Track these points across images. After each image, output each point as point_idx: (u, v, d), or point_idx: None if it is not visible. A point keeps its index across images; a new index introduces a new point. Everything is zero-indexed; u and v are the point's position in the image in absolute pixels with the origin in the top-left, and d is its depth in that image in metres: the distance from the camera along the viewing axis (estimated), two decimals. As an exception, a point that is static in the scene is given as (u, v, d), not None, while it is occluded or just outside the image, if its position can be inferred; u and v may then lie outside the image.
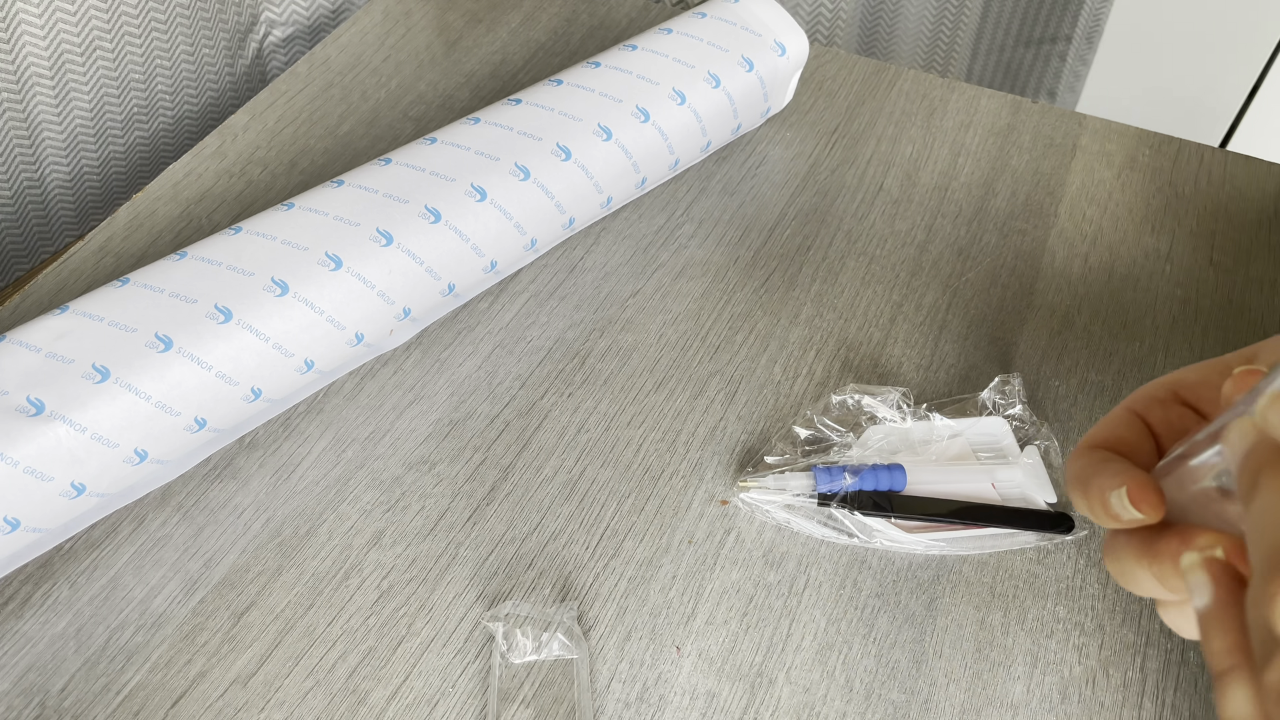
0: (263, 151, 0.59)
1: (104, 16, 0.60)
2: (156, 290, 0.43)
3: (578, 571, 0.43)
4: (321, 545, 0.44)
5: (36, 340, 0.41)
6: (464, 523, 0.45)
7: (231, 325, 0.42)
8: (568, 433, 0.48)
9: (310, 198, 0.47)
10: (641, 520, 0.45)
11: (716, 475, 0.47)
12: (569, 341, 0.51)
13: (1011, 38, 1.04)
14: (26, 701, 0.39)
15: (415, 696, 0.40)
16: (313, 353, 0.45)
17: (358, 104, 0.62)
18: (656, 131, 0.53)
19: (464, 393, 0.49)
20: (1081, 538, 0.45)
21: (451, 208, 0.47)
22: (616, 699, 0.40)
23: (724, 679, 0.41)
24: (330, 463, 0.46)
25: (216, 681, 0.40)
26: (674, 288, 0.54)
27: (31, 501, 0.39)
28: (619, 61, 0.54)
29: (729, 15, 0.56)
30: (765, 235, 0.56)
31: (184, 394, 0.41)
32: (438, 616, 0.42)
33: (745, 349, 0.51)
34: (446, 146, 0.49)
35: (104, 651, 0.41)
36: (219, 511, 0.45)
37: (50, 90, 0.60)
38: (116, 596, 0.42)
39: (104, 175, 0.66)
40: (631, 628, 0.42)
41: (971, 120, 0.63)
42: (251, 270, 0.43)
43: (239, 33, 0.69)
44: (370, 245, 0.45)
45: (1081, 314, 0.53)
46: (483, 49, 0.66)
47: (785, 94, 0.59)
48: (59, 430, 0.39)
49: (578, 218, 0.52)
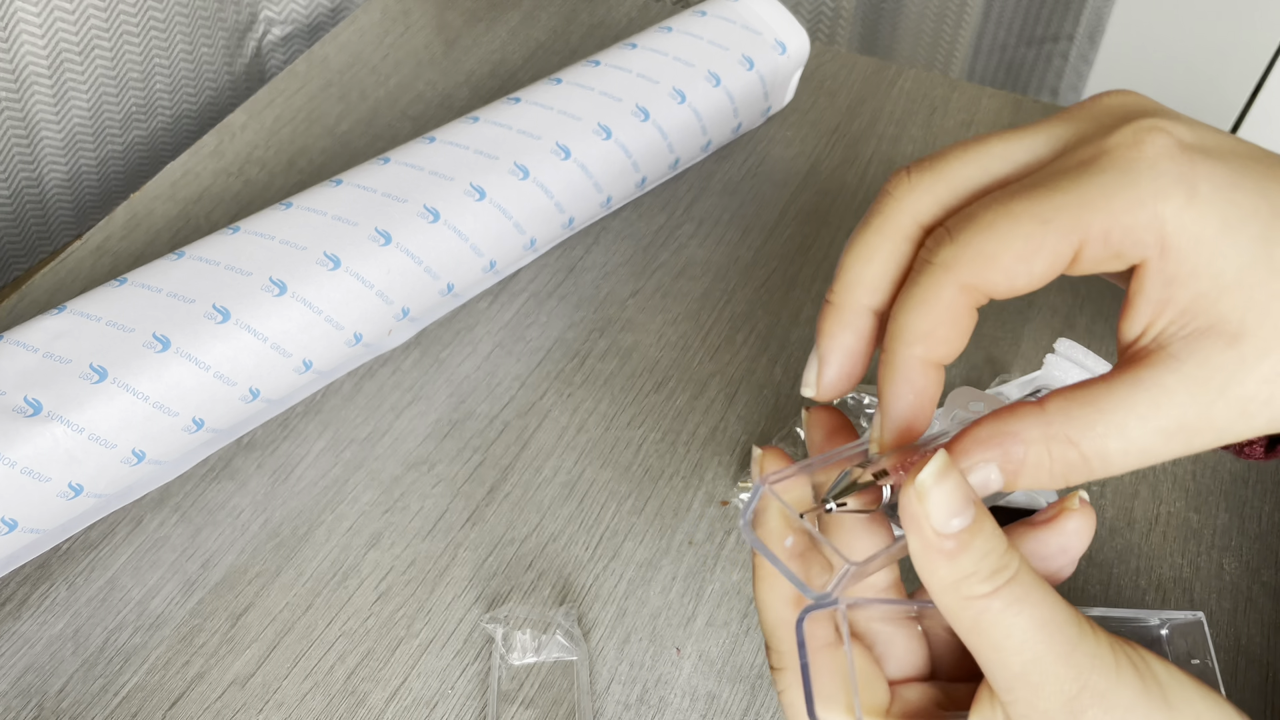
0: (261, 151, 0.58)
1: (102, 15, 0.60)
2: (154, 290, 0.42)
3: (577, 573, 0.43)
4: (320, 546, 0.44)
5: (34, 340, 0.41)
6: (463, 523, 0.45)
7: (229, 325, 0.42)
8: (567, 433, 0.48)
9: (308, 197, 0.47)
10: (641, 521, 0.45)
11: (717, 476, 0.46)
12: (568, 341, 0.51)
13: (1013, 36, 1.04)
14: (24, 703, 0.39)
15: (414, 698, 0.40)
16: (311, 353, 0.44)
17: (356, 103, 0.61)
18: (656, 130, 0.52)
19: (463, 393, 0.49)
20: (1083, 538, 0.45)
21: (450, 207, 0.47)
22: (616, 701, 0.40)
23: (724, 681, 0.41)
24: (329, 463, 0.46)
25: (215, 683, 0.40)
26: (674, 287, 0.54)
27: (29, 502, 0.39)
28: (619, 60, 0.53)
29: (729, 13, 0.56)
30: (766, 235, 0.56)
31: (182, 394, 0.41)
32: (437, 618, 0.42)
33: (746, 349, 0.51)
34: (445, 145, 0.49)
35: (102, 653, 0.41)
36: (217, 512, 0.45)
37: (48, 89, 0.60)
38: (114, 597, 0.42)
39: (102, 175, 0.66)
40: (631, 629, 0.42)
41: (973, 119, 0.63)
42: (249, 270, 0.43)
43: (238, 31, 0.69)
44: (369, 245, 0.45)
45: (1084, 314, 0.53)
46: (482, 47, 0.65)
47: (786, 93, 0.59)
48: (56, 430, 0.39)
49: (577, 217, 0.52)
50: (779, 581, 0.28)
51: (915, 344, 0.26)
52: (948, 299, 0.26)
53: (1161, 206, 0.24)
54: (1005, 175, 0.27)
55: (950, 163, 0.27)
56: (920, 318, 0.26)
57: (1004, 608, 0.24)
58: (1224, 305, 0.24)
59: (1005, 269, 0.25)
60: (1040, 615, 0.24)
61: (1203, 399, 0.24)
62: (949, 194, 0.27)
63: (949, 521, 0.24)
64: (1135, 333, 0.25)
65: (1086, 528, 0.28)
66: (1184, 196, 0.24)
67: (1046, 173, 0.26)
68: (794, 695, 0.28)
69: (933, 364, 0.26)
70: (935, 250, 0.26)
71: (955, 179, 0.27)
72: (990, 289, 0.26)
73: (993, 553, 0.24)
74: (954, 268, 0.25)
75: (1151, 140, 0.24)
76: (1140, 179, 0.24)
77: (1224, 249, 0.24)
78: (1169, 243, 0.24)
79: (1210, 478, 0.47)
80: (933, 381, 0.27)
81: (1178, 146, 0.24)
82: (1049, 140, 0.27)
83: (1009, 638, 0.24)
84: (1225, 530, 0.45)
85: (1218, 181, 0.24)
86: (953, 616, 0.25)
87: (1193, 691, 0.25)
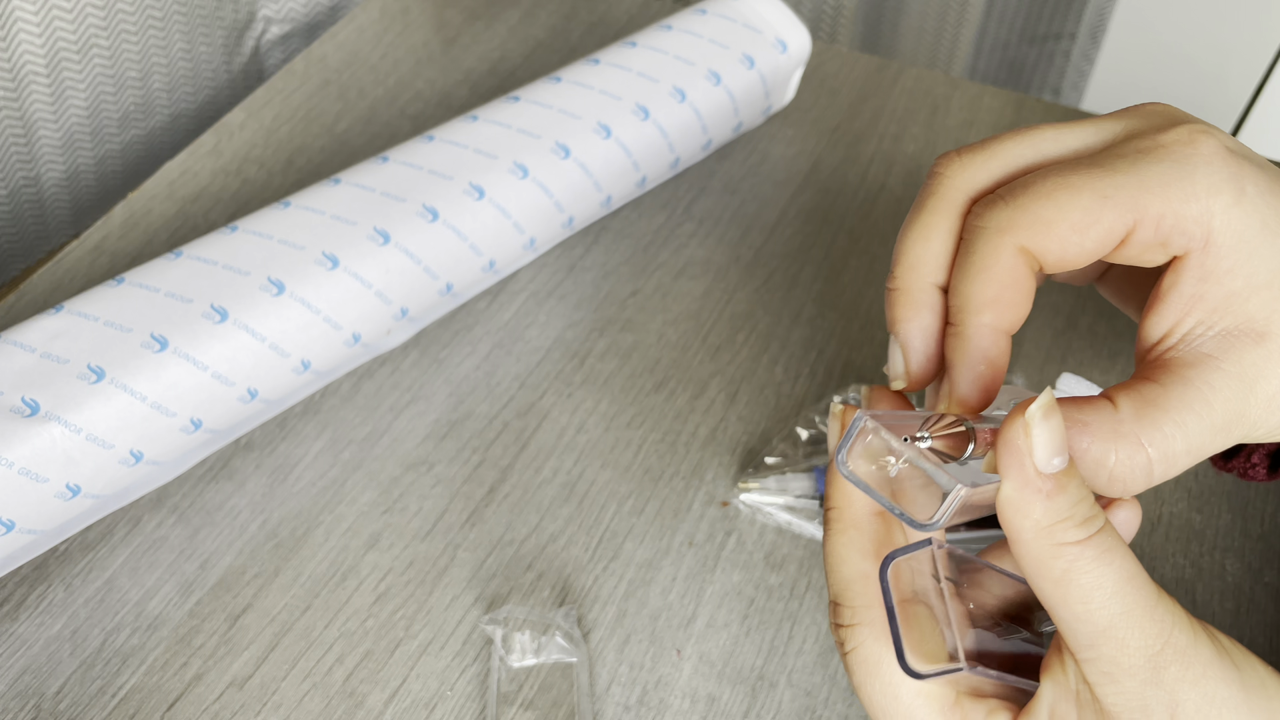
0: (259, 150, 0.58)
1: (100, 14, 0.60)
2: (152, 290, 0.42)
3: (577, 574, 0.43)
4: (318, 547, 0.44)
5: (31, 340, 0.40)
6: (462, 524, 0.44)
7: (227, 325, 0.42)
8: (567, 433, 0.47)
9: (307, 196, 0.47)
10: (641, 522, 0.45)
11: (717, 477, 0.46)
12: (568, 341, 0.51)
13: (1015, 35, 1.03)
14: (22, 704, 0.39)
15: (413, 699, 0.40)
16: (309, 353, 0.44)
17: (355, 102, 0.61)
18: (656, 129, 0.52)
19: (462, 393, 0.49)
20: (1085, 539, 0.45)
21: (449, 206, 0.47)
22: (616, 702, 0.40)
23: (725, 682, 0.40)
24: (327, 464, 0.46)
25: (213, 684, 0.40)
26: (674, 287, 0.53)
27: (26, 503, 0.39)
28: (619, 59, 0.53)
29: (730, 12, 0.56)
30: (766, 234, 0.56)
31: (180, 394, 0.41)
32: (436, 619, 0.42)
33: (746, 349, 0.51)
34: (444, 144, 0.49)
35: (100, 654, 0.40)
36: (215, 513, 0.44)
37: (46, 88, 0.60)
38: (112, 599, 0.42)
39: (100, 174, 0.66)
40: (631, 630, 0.42)
41: (975, 118, 0.63)
42: (248, 270, 0.43)
43: (236, 30, 0.69)
44: (367, 244, 0.45)
45: (1085, 314, 0.53)
46: (481, 46, 0.65)
47: (787, 92, 0.59)
48: (54, 431, 0.39)
49: (577, 216, 0.52)
50: (856, 534, 0.28)
51: (983, 311, 0.27)
52: (1008, 262, 0.26)
53: (1213, 201, 0.25)
54: (1058, 156, 0.28)
55: (1003, 142, 0.28)
56: (985, 284, 0.26)
57: (1096, 556, 0.24)
58: (1253, 305, 0.25)
59: (1060, 237, 0.26)
60: (1128, 569, 0.24)
61: (1241, 395, 0.25)
62: (1001, 169, 0.28)
63: (1051, 460, 0.24)
64: (1162, 330, 0.26)
65: (1134, 519, 0.29)
66: (1233, 195, 0.25)
67: (1105, 155, 0.27)
68: (867, 651, 0.28)
69: (1002, 331, 0.27)
70: (988, 214, 0.27)
71: (1008, 156, 0.28)
72: (1043, 255, 0.26)
73: (1085, 500, 0.24)
74: (1010, 230, 0.26)
75: (1205, 141, 0.26)
76: (1196, 173, 0.25)
77: (1261, 249, 0.25)
78: (1214, 238, 0.25)
79: (1212, 478, 0.47)
80: (1003, 350, 0.27)
81: (1227, 150, 0.26)
82: (1099, 133, 0.28)
83: (1099, 589, 0.24)
84: (1228, 531, 0.45)
85: (1261, 186, 0.26)
86: (1041, 565, 0.24)
87: (1251, 658, 0.26)
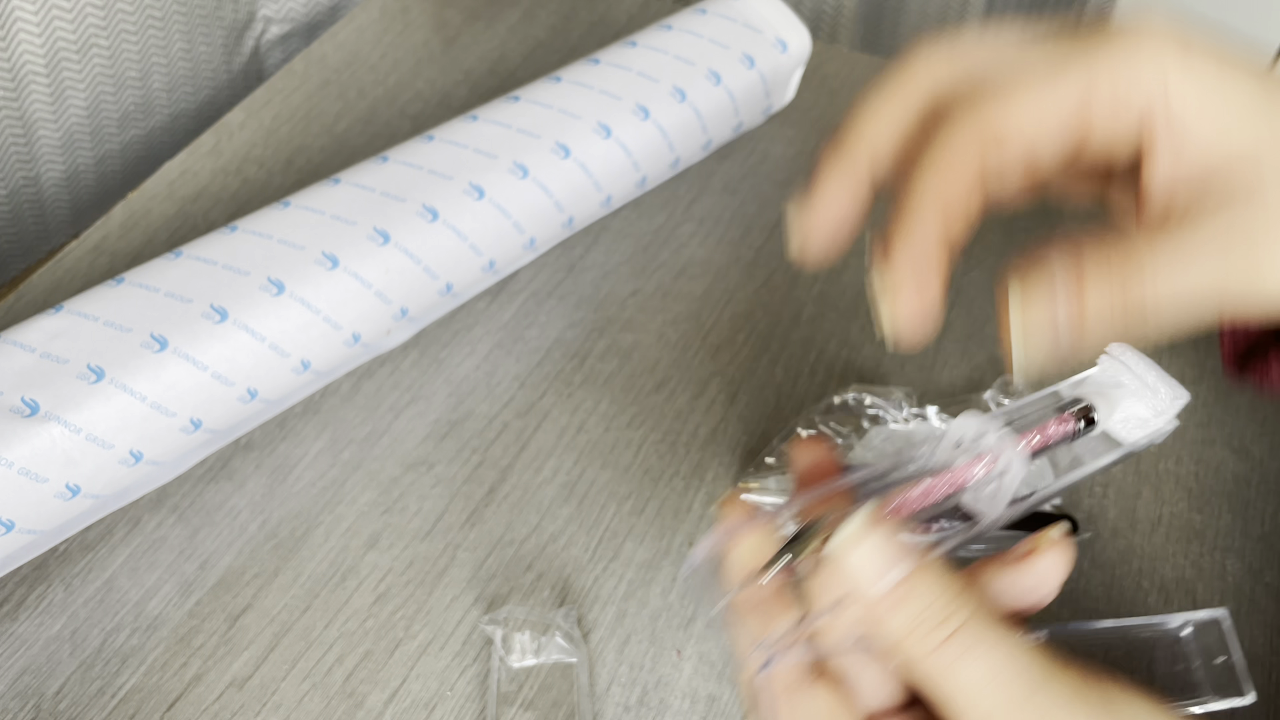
0: (259, 150, 0.58)
1: (100, 13, 0.60)
2: (152, 290, 0.42)
3: (577, 574, 0.43)
4: (318, 547, 0.44)
5: (31, 340, 0.40)
6: (462, 524, 0.44)
7: (227, 325, 0.42)
8: (567, 433, 0.47)
9: (307, 196, 0.47)
10: (642, 522, 0.45)
11: (717, 477, 0.46)
12: (568, 341, 0.51)
13: (1014, 35, 1.03)
14: (21, 704, 0.39)
15: (413, 700, 0.40)
16: (309, 353, 0.44)
17: (355, 101, 0.61)
18: (656, 129, 0.52)
19: (462, 393, 0.49)
20: (1085, 539, 0.45)
21: (449, 206, 0.47)
22: (616, 703, 0.40)
23: (725, 683, 0.40)
24: (327, 464, 0.46)
25: (212, 684, 0.40)
26: (674, 287, 0.53)
27: (26, 503, 0.39)
28: (619, 58, 0.53)
29: (730, 11, 0.56)
30: (767, 234, 0.56)
31: (179, 395, 0.41)
32: (435, 619, 0.42)
33: (746, 349, 0.51)
34: (444, 144, 0.49)
35: (99, 654, 0.40)
36: (215, 513, 0.44)
37: (45, 88, 0.60)
38: (112, 599, 0.42)
39: (100, 173, 0.66)
40: (631, 631, 0.42)
41: (974, 118, 0.63)
42: (247, 270, 0.43)
43: (236, 30, 0.69)
44: (367, 244, 0.45)
45: (1085, 313, 0.53)
46: (481, 46, 0.65)
47: (787, 91, 0.59)
48: (53, 431, 0.39)
49: (577, 216, 0.52)
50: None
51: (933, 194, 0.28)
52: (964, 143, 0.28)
53: (1164, 59, 0.26)
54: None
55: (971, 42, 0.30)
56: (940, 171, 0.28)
57: (956, 657, 0.24)
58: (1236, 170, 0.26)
59: (1019, 113, 0.27)
60: (995, 662, 0.24)
61: (1230, 257, 0.26)
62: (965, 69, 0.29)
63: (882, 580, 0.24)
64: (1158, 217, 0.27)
65: (1059, 566, 0.28)
66: (1180, 51, 0.27)
67: (1057, 39, 0.28)
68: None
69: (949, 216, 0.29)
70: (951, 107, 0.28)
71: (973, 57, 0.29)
72: (1005, 135, 0.27)
73: (940, 597, 0.24)
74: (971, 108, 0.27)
75: (1150, 18, 0.27)
76: (1143, 41, 0.27)
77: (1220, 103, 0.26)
78: (1172, 93, 0.26)
79: (1213, 478, 0.47)
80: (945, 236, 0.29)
81: (1171, 25, 0.27)
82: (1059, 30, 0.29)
83: (961, 690, 0.24)
84: (1228, 531, 0.45)
85: (1207, 47, 0.27)
86: (911, 667, 0.24)
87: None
